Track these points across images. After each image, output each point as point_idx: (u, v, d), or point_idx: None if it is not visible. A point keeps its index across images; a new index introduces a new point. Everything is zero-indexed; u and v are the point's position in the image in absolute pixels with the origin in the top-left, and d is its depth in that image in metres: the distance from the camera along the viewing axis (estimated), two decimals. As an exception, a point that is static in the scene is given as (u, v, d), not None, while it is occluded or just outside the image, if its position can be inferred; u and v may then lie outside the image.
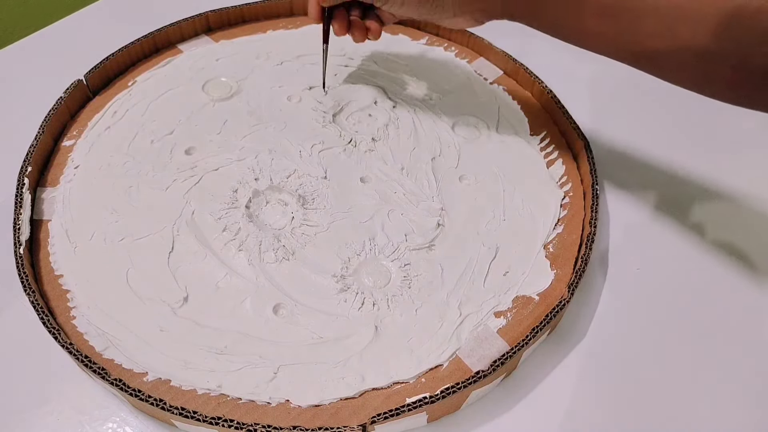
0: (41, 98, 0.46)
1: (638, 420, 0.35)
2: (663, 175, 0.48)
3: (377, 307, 0.37)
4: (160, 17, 0.53)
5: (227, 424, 0.31)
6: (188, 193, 0.42)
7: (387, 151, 0.46)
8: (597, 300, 0.41)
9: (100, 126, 0.47)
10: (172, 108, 0.48)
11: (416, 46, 0.55)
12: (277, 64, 0.53)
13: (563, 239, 0.42)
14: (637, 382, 0.37)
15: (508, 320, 0.37)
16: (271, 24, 0.57)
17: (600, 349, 0.38)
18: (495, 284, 0.39)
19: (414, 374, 0.34)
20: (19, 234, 0.38)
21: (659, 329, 0.39)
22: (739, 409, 0.36)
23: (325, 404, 0.33)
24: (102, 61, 0.49)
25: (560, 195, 0.44)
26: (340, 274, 0.39)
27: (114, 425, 0.34)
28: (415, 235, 0.41)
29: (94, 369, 0.33)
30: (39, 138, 0.43)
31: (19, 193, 0.40)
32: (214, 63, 0.52)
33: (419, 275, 0.39)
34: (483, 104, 0.51)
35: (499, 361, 0.34)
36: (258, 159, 0.45)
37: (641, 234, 0.44)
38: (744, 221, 0.45)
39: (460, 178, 0.45)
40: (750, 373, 0.38)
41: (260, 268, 0.39)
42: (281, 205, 0.43)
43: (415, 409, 0.32)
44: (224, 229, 0.40)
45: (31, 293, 0.35)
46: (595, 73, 0.57)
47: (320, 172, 0.44)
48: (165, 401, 0.32)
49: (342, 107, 0.49)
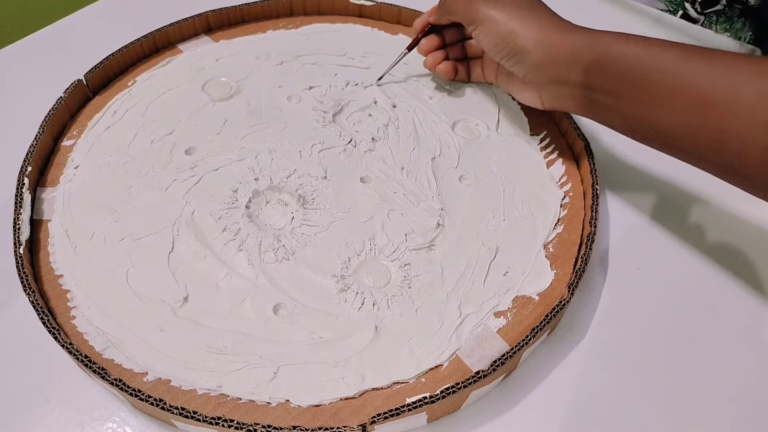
0: (41, 98, 0.46)
1: (638, 420, 0.35)
2: (663, 175, 0.48)
3: (377, 307, 0.37)
4: (160, 17, 0.53)
5: (227, 424, 0.31)
6: (188, 193, 0.42)
7: (387, 151, 0.46)
8: (597, 300, 0.41)
9: (100, 126, 0.47)
10: (172, 108, 0.48)
11: (416, 46, 0.56)
12: (277, 64, 0.52)
13: (563, 239, 0.42)
14: (637, 382, 0.37)
15: (508, 320, 0.37)
16: (271, 24, 0.57)
17: (600, 349, 0.38)
18: (495, 284, 0.39)
19: (414, 374, 0.34)
20: (19, 234, 0.38)
21: (659, 329, 0.39)
22: (739, 409, 0.36)
23: (325, 404, 0.33)
24: (102, 61, 0.49)
25: (560, 195, 0.44)
26: (340, 274, 0.39)
27: (114, 425, 0.34)
28: (415, 235, 0.41)
29: (94, 369, 0.33)
30: (39, 138, 0.43)
31: (19, 193, 0.40)
32: (214, 63, 0.52)
33: (419, 275, 0.39)
34: (483, 104, 0.51)
35: (499, 361, 0.34)
36: (258, 159, 0.45)
37: (641, 234, 0.44)
38: (744, 221, 0.45)
39: (460, 178, 0.45)
40: (750, 373, 0.38)
41: (260, 268, 0.39)
42: (281, 205, 0.43)
43: (415, 409, 0.32)
44: (224, 229, 0.40)
45: (31, 293, 0.35)
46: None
47: (320, 172, 0.44)
48: (165, 401, 0.32)
49: (342, 107, 0.49)
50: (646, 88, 0.35)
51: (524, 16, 0.41)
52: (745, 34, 0.65)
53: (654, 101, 0.35)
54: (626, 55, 0.36)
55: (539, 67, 0.40)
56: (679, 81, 0.34)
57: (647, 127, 0.36)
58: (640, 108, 0.36)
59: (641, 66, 0.35)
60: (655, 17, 0.64)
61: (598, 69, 0.37)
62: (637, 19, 0.64)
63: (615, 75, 0.37)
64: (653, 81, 0.35)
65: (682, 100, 0.34)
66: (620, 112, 0.38)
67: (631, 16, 0.64)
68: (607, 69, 0.37)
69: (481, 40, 0.44)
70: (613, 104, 0.38)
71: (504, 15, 0.42)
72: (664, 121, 0.35)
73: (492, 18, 0.42)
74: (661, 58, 0.35)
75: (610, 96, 0.37)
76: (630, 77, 0.36)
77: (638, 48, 0.36)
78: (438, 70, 0.50)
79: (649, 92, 0.35)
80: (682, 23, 0.64)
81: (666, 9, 0.68)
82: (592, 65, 0.38)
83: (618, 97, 0.37)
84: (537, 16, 0.41)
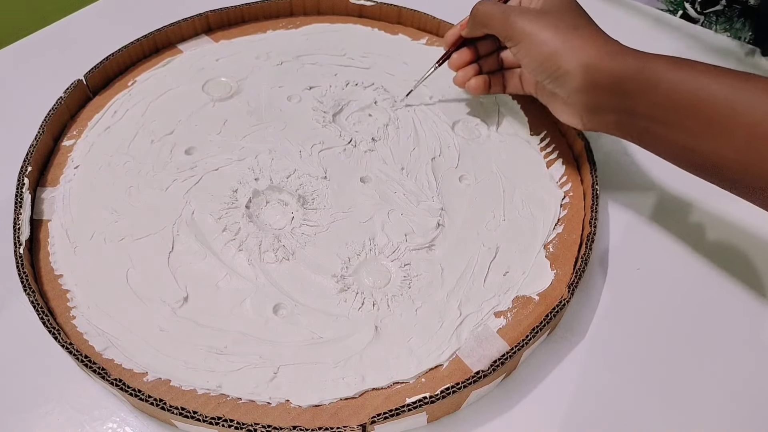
0: (41, 98, 0.46)
1: (638, 420, 0.35)
2: (663, 175, 0.48)
3: (377, 307, 0.37)
4: (160, 17, 0.53)
5: (227, 424, 0.31)
6: (188, 193, 0.42)
7: (387, 151, 0.46)
8: (597, 300, 0.41)
9: (100, 126, 0.47)
10: (172, 108, 0.48)
11: (416, 45, 0.55)
12: (277, 64, 0.53)
13: (563, 239, 0.42)
14: (637, 382, 0.37)
15: (508, 320, 0.37)
16: (271, 24, 0.57)
17: (600, 349, 0.38)
18: (495, 284, 0.39)
19: (414, 374, 0.34)
20: (19, 234, 0.38)
21: (659, 329, 0.39)
22: (739, 409, 0.36)
23: (325, 404, 0.33)
24: (102, 61, 0.49)
25: (560, 195, 0.44)
26: (340, 274, 0.39)
27: (114, 425, 0.34)
28: (415, 235, 0.41)
29: (94, 369, 0.33)
30: (39, 138, 0.43)
31: (19, 193, 0.40)
32: (214, 63, 0.52)
33: (419, 275, 0.39)
34: (483, 104, 0.51)
35: (499, 361, 0.34)
36: (258, 159, 0.45)
37: (641, 234, 0.44)
38: (744, 221, 0.45)
39: (460, 178, 0.45)
40: (750, 373, 0.38)
41: (260, 268, 0.39)
42: (281, 205, 0.43)
43: (415, 409, 0.32)
44: (224, 229, 0.40)
45: (31, 293, 0.35)
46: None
47: (320, 172, 0.44)
48: (165, 401, 0.32)
49: (342, 107, 0.49)
50: (697, 117, 0.33)
51: (568, 35, 0.37)
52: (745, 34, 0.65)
53: (705, 132, 0.33)
54: (676, 82, 0.34)
55: (583, 90, 0.37)
56: (731, 111, 0.32)
57: (699, 158, 0.34)
58: (691, 138, 0.34)
59: (692, 94, 0.33)
60: (655, 17, 0.64)
61: (646, 96, 0.35)
62: (637, 19, 0.64)
63: (664, 103, 0.34)
64: (704, 110, 0.33)
65: (735, 132, 0.32)
66: (669, 141, 0.35)
67: (631, 16, 0.64)
68: (656, 96, 0.35)
69: (521, 59, 0.40)
70: (662, 133, 0.35)
71: (546, 33, 0.38)
72: (716, 154, 0.33)
73: (532, 36, 0.38)
74: (712, 86, 0.33)
75: (658, 124, 0.35)
76: (679, 106, 0.34)
77: (689, 75, 0.34)
78: (468, 86, 0.46)
79: (700, 122, 0.33)
80: (682, 23, 0.64)
81: (666, 9, 0.68)
82: (639, 92, 0.35)
83: (667, 126, 0.35)
84: (581, 36, 0.37)
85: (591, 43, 0.37)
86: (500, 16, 0.40)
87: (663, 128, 0.35)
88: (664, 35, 0.62)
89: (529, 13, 0.40)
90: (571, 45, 0.37)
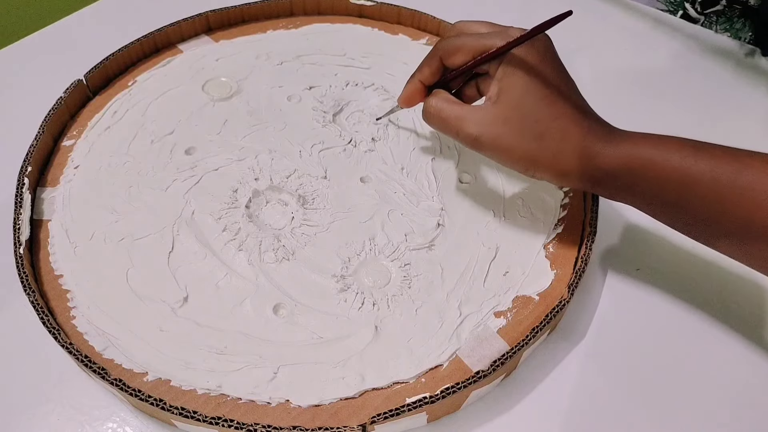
0: (41, 98, 0.46)
1: (638, 420, 0.35)
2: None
3: (377, 307, 0.37)
4: (160, 17, 0.53)
5: (227, 424, 0.31)
6: (188, 193, 0.42)
7: (387, 151, 0.46)
8: (597, 300, 0.41)
9: (100, 126, 0.47)
10: (172, 108, 0.48)
11: (416, 45, 0.55)
12: (277, 64, 0.53)
13: (563, 239, 0.42)
14: (637, 382, 0.37)
15: (508, 320, 0.37)
16: (271, 24, 0.57)
17: (600, 349, 0.38)
18: (495, 284, 0.39)
19: (414, 374, 0.34)
20: (19, 234, 0.38)
21: (659, 329, 0.39)
22: (739, 409, 0.36)
23: (325, 404, 0.33)
24: (102, 61, 0.49)
25: (560, 195, 0.44)
26: (340, 274, 0.39)
27: (114, 425, 0.34)
28: (415, 235, 0.41)
29: (94, 369, 0.33)
30: (39, 138, 0.43)
31: (19, 193, 0.40)
32: (214, 63, 0.52)
33: (419, 275, 0.39)
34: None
35: (499, 361, 0.34)
36: (258, 159, 0.45)
37: (641, 234, 0.44)
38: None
39: (460, 178, 0.45)
40: (750, 373, 0.38)
41: (260, 268, 0.39)
42: (281, 205, 0.43)
43: (415, 409, 0.32)
44: (224, 229, 0.40)
45: (31, 293, 0.35)
46: (595, 73, 0.57)
47: (320, 172, 0.44)
48: (165, 401, 0.32)
49: (342, 107, 0.49)
50: (693, 198, 0.33)
51: (532, 144, 0.35)
52: (745, 34, 0.65)
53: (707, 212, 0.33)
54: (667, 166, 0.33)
55: (567, 185, 0.37)
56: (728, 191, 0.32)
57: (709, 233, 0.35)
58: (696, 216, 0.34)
59: (682, 173, 0.33)
60: (655, 17, 0.64)
61: (637, 185, 0.34)
62: (637, 19, 0.64)
63: (659, 187, 0.34)
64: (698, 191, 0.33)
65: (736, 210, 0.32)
66: (673, 218, 0.36)
67: (631, 16, 0.64)
68: (646, 184, 0.34)
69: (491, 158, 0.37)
70: (659, 211, 0.36)
71: (509, 140, 0.35)
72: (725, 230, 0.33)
73: (496, 144, 0.36)
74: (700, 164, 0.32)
75: (655, 204, 0.35)
76: (674, 187, 0.33)
77: (676, 155, 0.33)
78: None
79: (698, 201, 0.33)
80: (682, 23, 0.64)
81: (666, 9, 0.68)
82: (630, 185, 0.35)
83: (665, 204, 0.35)
84: (548, 147, 0.35)
85: (563, 151, 0.35)
86: (455, 123, 0.36)
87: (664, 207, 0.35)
88: (664, 35, 0.62)
89: (486, 115, 0.35)
90: (543, 155, 0.35)
